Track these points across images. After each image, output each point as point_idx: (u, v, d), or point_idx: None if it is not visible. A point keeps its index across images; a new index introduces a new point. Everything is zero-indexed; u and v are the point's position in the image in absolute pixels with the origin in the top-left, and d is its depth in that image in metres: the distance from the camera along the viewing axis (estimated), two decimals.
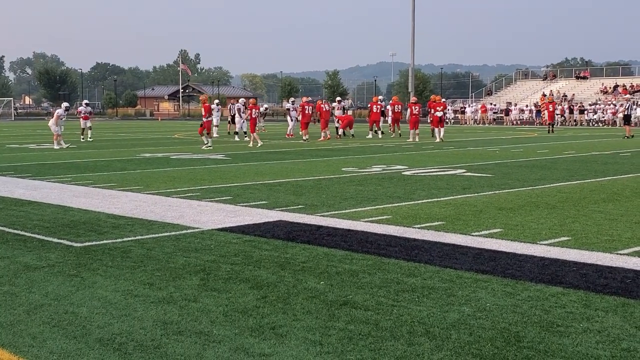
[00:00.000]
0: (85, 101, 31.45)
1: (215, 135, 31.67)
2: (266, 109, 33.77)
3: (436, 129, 27.44)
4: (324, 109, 29.91)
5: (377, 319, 4.62)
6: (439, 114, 27.59)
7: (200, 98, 24.48)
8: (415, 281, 5.59)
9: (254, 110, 25.36)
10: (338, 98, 35.20)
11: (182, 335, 4.36)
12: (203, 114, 23.45)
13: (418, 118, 28.38)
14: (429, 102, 31.41)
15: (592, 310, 4.82)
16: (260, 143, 24.27)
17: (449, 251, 6.68)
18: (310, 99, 33.06)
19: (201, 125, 23.54)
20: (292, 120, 31.06)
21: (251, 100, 27.91)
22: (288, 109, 31.06)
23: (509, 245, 6.93)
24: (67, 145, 24.07)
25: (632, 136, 30.22)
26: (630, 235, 7.45)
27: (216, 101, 34.10)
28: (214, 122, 32.79)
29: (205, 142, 22.93)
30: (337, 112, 31.85)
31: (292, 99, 33.85)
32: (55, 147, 23.52)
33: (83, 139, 28.34)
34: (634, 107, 48.14)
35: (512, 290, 5.30)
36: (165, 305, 4.99)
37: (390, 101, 33.32)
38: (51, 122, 24.17)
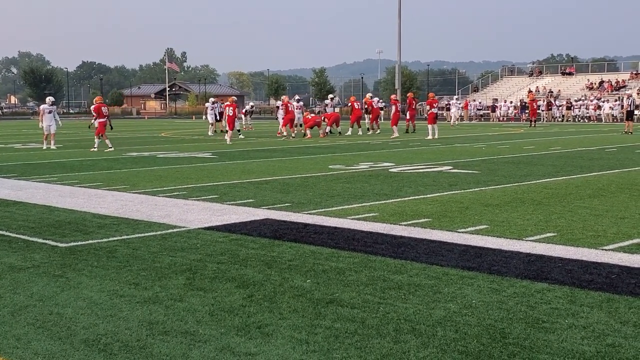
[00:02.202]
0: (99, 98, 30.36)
1: (210, 133, 31.41)
2: (252, 107, 33.42)
3: (430, 126, 27.49)
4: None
5: (363, 317, 4.62)
6: (435, 110, 28.02)
7: (95, 99, 23.51)
8: (402, 278, 5.60)
9: (228, 108, 25.90)
10: (330, 95, 35.29)
11: (168, 335, 4.34)
12: (100, 114, 22.14)
13: (400, 115, 29.14)
14: (410, 98, 31.79)
15: (578, 306, 4.85)
16: (230, 142, 24.65)
17: (435, 248, 6.69)
18: (298, 97, 33.03)
19: (106, 126, 22.22)
20: (280, 118, 30.83)
21: (230, 99, 28.18)
22: (277, 107, 30.86)
23: (495, 242, 6.95)
24: (55, 147, 23.02)
25: (631, 132, 29.54)
26: (616, 230, 7.50)
27: (211, 99, 33.68)
28: (209, 119, 32.36)
29: (107, 145, 21.60)
30: (329, 110, 31.89)
31: (283, 97, 33.59)
32: (44, 147, 22.82)
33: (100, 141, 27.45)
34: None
35: (497, 287, 5.32)
36: (150, 305, 4.97)
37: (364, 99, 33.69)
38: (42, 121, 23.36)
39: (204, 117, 32.20)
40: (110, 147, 21.57)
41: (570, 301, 4.95)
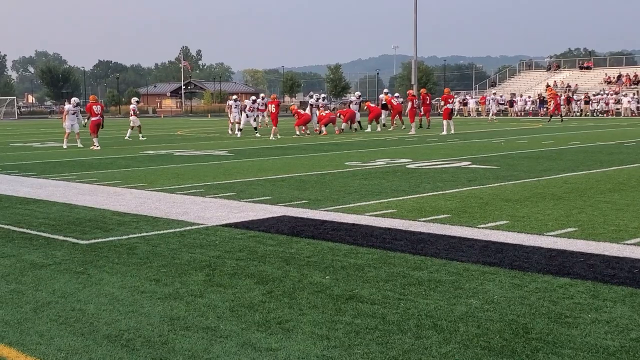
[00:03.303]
0: (135, 98, 30.50)
1: (236, 133, 30.62)
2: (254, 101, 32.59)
3: (445, 121, 27.39)
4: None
5: (383, 313, 4.61)
6: (450, 106, 28.07)
7: (90, 98, 24.03)
8: (422, 274, 5.57)
9: (271, 105, 27.13)
10: (358, 93, 35.34)
11: (189, 330, 4.35)
12: (91, 113, 22.66)
13: (417, 110, 29.39)
14: (424, 94, 31.90)
15: (601, 300, 4.80)
16: (278, 137, 26.05)
17: (455, 244, 6.66)
18: (324, 95, 33.13)
19: (98, 125, 22.56)
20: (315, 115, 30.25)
21: (272, 96, 29.00)
22: (311, 105, 30.46)
23: (515, 237, 6.90)
24: (82, 145, 23.01)
25: None
26: (637, 225, 7.41)
27: (234, 97, 33.32)
28: (231, 118, 31.57)
29: (94, 144, 21.94)
30: (354, 107, 31.79)
31: (322, 93, 33.34)
32: (64, 146, 22.96)
33: (143, 137, 27.70)
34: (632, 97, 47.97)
35: (519, 282, 5.28)
36: (171, 301, 4.99)
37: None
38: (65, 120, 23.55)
39: (230, 115, 31.47)
40: (97, 147, 21.78)
41: (593, 296, 4.91)
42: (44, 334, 4.35)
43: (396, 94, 34.82)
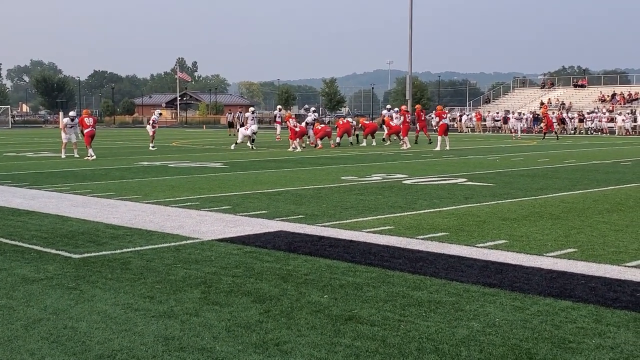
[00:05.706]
0: (159, 110, 30.68)
1: (251, 146, 29.89)
2: (253, 112, 31.70)
3: (440, 137, 27.40)
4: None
5: (384, 335, 4.51)
6: (447, 122, 28.19)
7: (83, 112, 24.40)
8: (422, 295, 5.48)
9: (291, 120, 27.55)
10: (346, 109, 35.66)
11: (184, 351, 4.24)
12: (83, 125, 23.06)
13: (410, 126, 29.73)
14: (418, 110, 32.11)
15: (604, 325, 4.71)
16: (299, 149, 26.20)
17: (454, 263, 6.57)
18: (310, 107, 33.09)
19: (92, 136, 22.91)
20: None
21: (288, 112, 29.47)
22: (307, 123, 30.17)
23: (515, 257, 6.82)
24: (78, 156, 22.81)
25: None
26: (637, 246, 7.34)
27: (251, 108, 32.89)
28: (249, 131, 30.52)
29: (89, 154, 22.02)
30: (350, 120, 31.98)
31: (314, 110, 33.15)
32: (63, 155, 22.87)
33: (153, 147, 27.76)
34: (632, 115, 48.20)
35: (520, 305, 5.19)
36: (166, 320, 4.87)
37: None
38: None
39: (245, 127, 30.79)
40: (93, 156, 21.87)
41: (595, 320, 4.82)
42: (34, 353, 4.22)
43: (397, 110, 34.73)
